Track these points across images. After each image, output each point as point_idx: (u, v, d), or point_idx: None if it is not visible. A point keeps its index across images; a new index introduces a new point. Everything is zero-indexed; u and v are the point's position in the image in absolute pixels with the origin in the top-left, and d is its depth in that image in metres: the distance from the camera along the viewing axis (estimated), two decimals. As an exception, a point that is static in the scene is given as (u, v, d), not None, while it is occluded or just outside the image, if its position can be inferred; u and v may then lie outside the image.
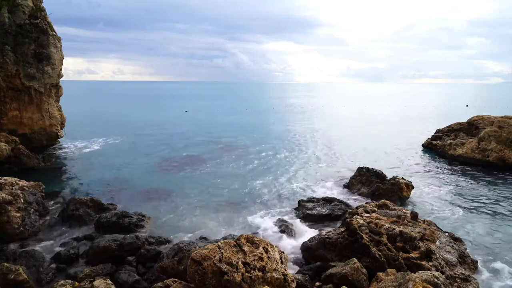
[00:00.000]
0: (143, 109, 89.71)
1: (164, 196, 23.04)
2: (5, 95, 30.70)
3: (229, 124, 58.74)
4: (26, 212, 17.36)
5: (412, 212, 16.22)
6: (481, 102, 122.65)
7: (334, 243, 14.59)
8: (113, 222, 17.62)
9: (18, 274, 12.20)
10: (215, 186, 25.21)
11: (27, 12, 31.05)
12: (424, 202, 22.20)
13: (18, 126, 31.76)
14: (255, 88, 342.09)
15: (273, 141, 42.90)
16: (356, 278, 12.15)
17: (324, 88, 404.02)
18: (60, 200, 21.64)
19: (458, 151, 32.81)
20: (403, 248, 13.55)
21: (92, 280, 11.75)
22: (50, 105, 33.57)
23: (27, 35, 30.53)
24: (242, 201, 22.24)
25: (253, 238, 12.06)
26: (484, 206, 21.45)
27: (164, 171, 29.20)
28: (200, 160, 32.80)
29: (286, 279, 11.04)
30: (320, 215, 19.04)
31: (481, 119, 35.83)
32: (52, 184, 24.61)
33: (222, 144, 41.09)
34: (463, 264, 13.74)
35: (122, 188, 24.48)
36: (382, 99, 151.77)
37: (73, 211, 18.74)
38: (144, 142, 41.66)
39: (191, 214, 20.05)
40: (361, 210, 16.64)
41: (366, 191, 22.97)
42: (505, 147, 30.26)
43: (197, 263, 10.71)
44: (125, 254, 14.77)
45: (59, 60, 33.15)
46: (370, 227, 14.42)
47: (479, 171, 29.17)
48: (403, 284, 10.35)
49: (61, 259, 14.60)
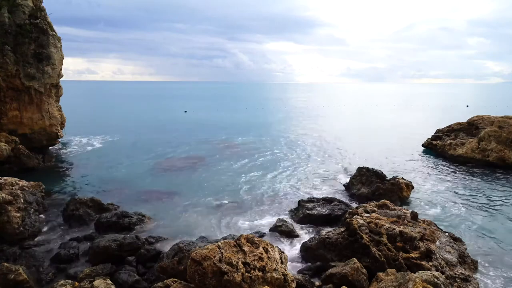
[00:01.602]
0: (143, 109, 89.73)
1: (164, 196, 23.04)
2: (5, 95, 30.69)
3: (229, 124, 58.72)
4: (26, 212, 17.36)
5: (412, 212, 16.22)
6: (481, 102, 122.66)
7: (334, 243, 14.60)
8: (113, 222, 17.62)
9: (18, 274, 12.20)
10: (215, 186, 25.21)
11: (27, 12, 31.04)
12: (424, 202, 22.20)
13: (18, 126, 31.74)
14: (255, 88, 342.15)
15: (273, 141, 42.91)
16: (356, 278, 12.16)
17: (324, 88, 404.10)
18: (60, 200, 21.64)
19: (458, 151, 32.81)
20: (403, 248, 13.55)
21: (92, 280, 11.75)
22: (50, 105, 33.56)
23: (27, 35, 30.52)
24: (242, 201, 22.24)
25: (253, 238, 12.06)
26: (484, 206, 21.45)
27: (164, 171, 29.21)
28: (200, 160, 32.80)
29: (286, 279, 11.04)
30: (320, 215, 19.03)
31: (481, 119, 35.83)
32: (52, 184, 24.62)
33: (222, 144, 41.10)
34: (463, 264, 13.74)
35: (122, 188, 24.49)
36: (382, 99, 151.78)
37: (73, 211, 18.74)
38: (144, 142, 41.67)
39: (191, 214, 20.05)
40: (361, 210, 16.64)
41: (366, 191, 22.96)
42: (505, 147, 30.27)
43: (197, 263, 10.71)
44: (125, 254, 14.77)
45: (59, 60, 33.14)
46: (370, 227, 14.42)
47: (479, 171, 29.17)
48: (403, 284, 10.35)
49: (61, 259, 14.61)
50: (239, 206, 21.48)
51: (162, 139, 43.95)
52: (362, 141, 43.33)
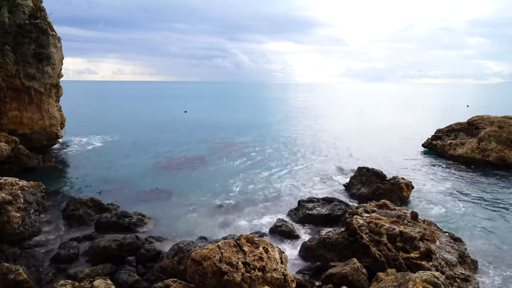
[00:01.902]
0: (143, 109, 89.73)
1: (164, 196, 23.05)
2: (5, 95, 30.71)
3: (229, 124, 58.72)
4: (26, 212, 17.36)
5: (412, 212, 16.22)
6: (481, 102, 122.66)
7: (334, 243, 14.60)
8: (113, 222, 17.63)
9: (18, 274, 12.20)
10: (215, 185, 25.21)
11: (27, 12, 31.05)
12: (424, 202, 22.20)
13: (18, 126, 31.76)
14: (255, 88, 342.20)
15: (273, 141, 42.91)
16: (356, 278, 12.15)
17: (324, 88, 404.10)
18: (60, 200, 21.63)
19: (458, 151, 32.81)
20: (403, 248, 13.55)
21: (92, 280, 11.74)
22: (50, 105, 33.58)
23: (27, 35, 30.53)
24: (242, 201, 22.24)
25: (253, 238, 12.05)
26: (484, 206, 21.45)
27: (164, 171, 29.21)
28: (200, 160, 32.81)
29: (286, 279, 11.04)
30: (320, 215, 19.03)
31: (481, 119, 35.83)
32: (52, 184, 24.62)
33: (222, 144, 41.09)
34: (463, 264, 13.74)
35: (122, 188, 24.49)
36: (382, 99, 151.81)
37: (73, 211, 18.74)
38: (144, 142, 41.66)
39: (191, 214, 20.06)
40: (361, 210, 16.64)
41: (366, 191, 22.95)
42: (505, 147, 30.27)
43: (197, 263, 10.71)
44: (125, 254, 14.77)
45: (59, 60, 33.16)
46: (370, 227, 14.42)
47: (479, 171, 29.17)
48: (403, 284, 10.35)
49: (61, 259, 14.61)
50: (239, 206, 21.48)
51: (162, 139, 43.94)
52: (362, 141, 43.32)
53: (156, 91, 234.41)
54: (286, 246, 16.34)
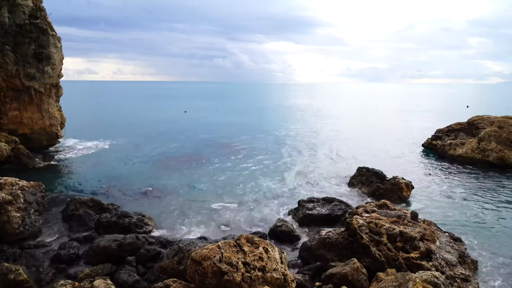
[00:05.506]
0: (143, 110, 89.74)
1: (164, 196, 23.05)
2: (5, 95, 30.71)
3: (229, 124, 58.74)
4: (26, 212, 17.35)
5: (412, 212, 16.22)
6: (481, 102, 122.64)
7: (334, 243, 14.59)
8: (113, 222, 17.62)
9: (18, 274, 12.19)
10: (215, 185, 25.21)
11: (27, 12, 31.04)
12: (424, 202, 22.20)
13: (18, 126, 31.76)
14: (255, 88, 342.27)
15: (272, 141, 42.92)
16: (356, 278, 12.15)
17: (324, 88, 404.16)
18: (60, 200, 21.62)
19: (458, 151, 32.81)
20: (403, 248, 13.55)
21: (92, 280, 11.73)
22: (50, 105, 33.56)
23: (27, 35, 30.52)
24: (242, 201, 22.24)
25: (253, 238, 12.05)
26: (484, 206, 21.44)
27: (164, 171, 29.19)
28: (200, 160, 32.80)
29: (286, 279, 11.03)
30: (320, 215, 19.03)
31: (481, 119, 35.83)
32: (52, 184, 24.63)
33: (222, 144, 41.09)
34: (463, 264, 13.73)
35: (122, 188, 24.48)
36: (382, 99, 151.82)
37: (73, 211, 18.74)
38: (144, 142, 41.66)
39: (191, 214, 20.06)
40: (361, 210, 16.64)
41: (366, 191, 22.97)
42: (505, 147, 30.27)
43: (197, 263, 10.70)
44: (125, 254, 14.76)
45: (59, 60, 33.14)
46: (370, 227, 14.42)
47: (479, 171, 29.17)
48: (403, 284, 10.35)
49: (61, 259, 14.60)
50: (239, 206, 21.49)
51: (162, 139, 43.95)
52: (362, 141, 43.32)
53: (156, 91, 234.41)
54: (286, 246, 16.35)
